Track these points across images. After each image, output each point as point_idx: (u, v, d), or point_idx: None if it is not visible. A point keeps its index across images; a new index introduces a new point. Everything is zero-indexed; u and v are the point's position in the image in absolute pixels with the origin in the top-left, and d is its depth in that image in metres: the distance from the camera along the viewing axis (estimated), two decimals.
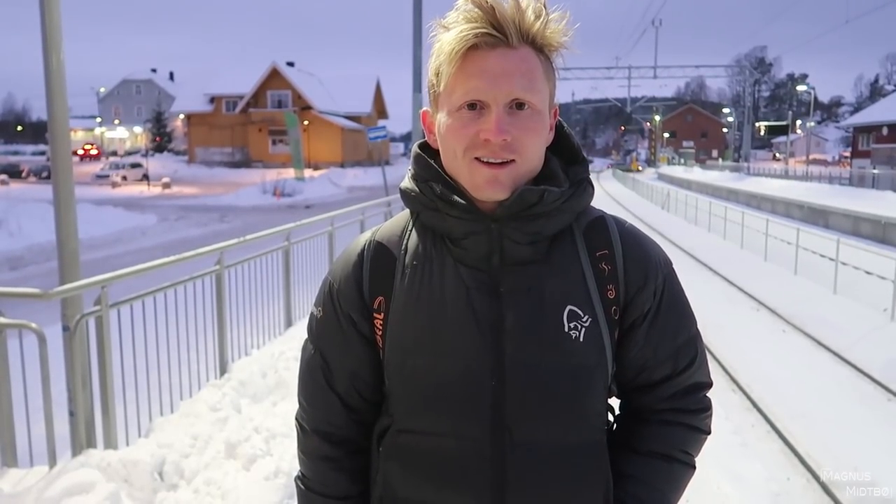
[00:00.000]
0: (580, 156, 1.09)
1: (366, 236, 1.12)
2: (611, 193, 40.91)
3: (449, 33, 0.98)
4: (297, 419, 1.18)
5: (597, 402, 1.05)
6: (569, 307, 1.01)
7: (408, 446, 1.05)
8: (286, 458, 3.68)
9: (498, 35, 0.96)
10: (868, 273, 10.58)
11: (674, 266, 1.11)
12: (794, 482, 4.52)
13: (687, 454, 1.10)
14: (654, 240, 1.13)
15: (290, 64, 54.58)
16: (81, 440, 3.46)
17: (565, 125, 1.09)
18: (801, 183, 32.72)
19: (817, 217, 21.79)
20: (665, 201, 29.14)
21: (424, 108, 1.09)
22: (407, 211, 1.11)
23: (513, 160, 0.98)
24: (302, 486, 1.17)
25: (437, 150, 1.06)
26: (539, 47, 1.00)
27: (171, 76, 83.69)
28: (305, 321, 7.00)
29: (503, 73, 0.96)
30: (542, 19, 0.98)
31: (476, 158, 0.98)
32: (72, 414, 3.45)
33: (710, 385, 1.13)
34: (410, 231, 1.09)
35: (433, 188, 1.03)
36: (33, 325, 3.31)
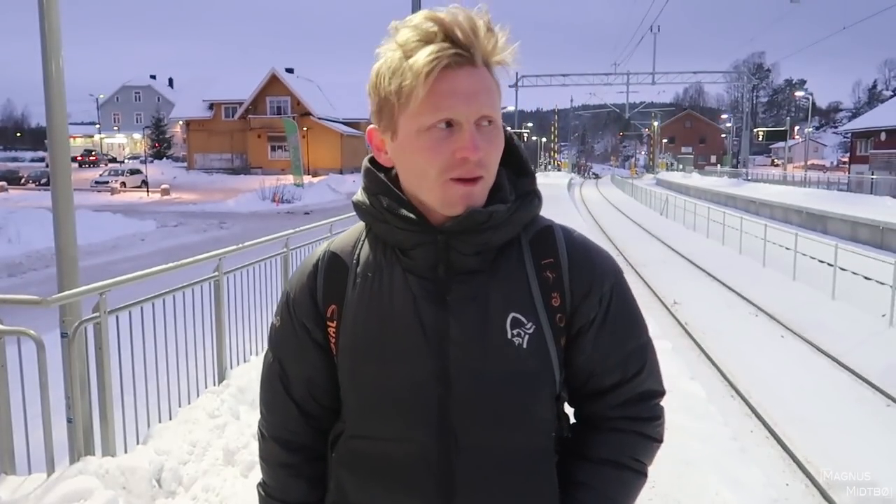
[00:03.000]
0: (527, 168, 1.11)
1: (322, 247, 1.15)
2: (609, 199, 40.94)
3: (417, 54, 0.97)
4: (258, 427, 1.21)
5: (542, 408, 1.06)
6: (512, 314, 1.03)
7: (359, 452, 1.08)
8: None
9: (465, 55, 0.98)
10: (867, 278, 10.59)
11: (623, 274, 1.12)
12: (794, 487, 4.52)
13: (638, 462, 1.11)
14: (606, 249, 1.14)
15: (290, 70, 54.67)
16: (80, 447, 3.45)
17: (514, 138, 1.10)
18: (799, 188, 32.75)
19: (816, 222, 21.82)
20: (664, 207, 29.17)
21: (371, 127, 1.08)
22: (362, 223, 1.13)
23: (481, 177, 1.01)
24: (263, 493, 1.20)
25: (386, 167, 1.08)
26: (490, 65, 1.02)
27: (171, 82, 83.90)
28: None
29: (473, 92, 0.98)
30: (493, 38, 1.00)
31: (451, 179, 0.99)
32: (70, 421, 3.44)
33: (662, 393, 1.14)
34: (363, 242, 1.11)
35: (381, 201, 1.05)
36: (32, 331, 3.31)
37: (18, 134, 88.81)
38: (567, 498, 1.07)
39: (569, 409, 1.16)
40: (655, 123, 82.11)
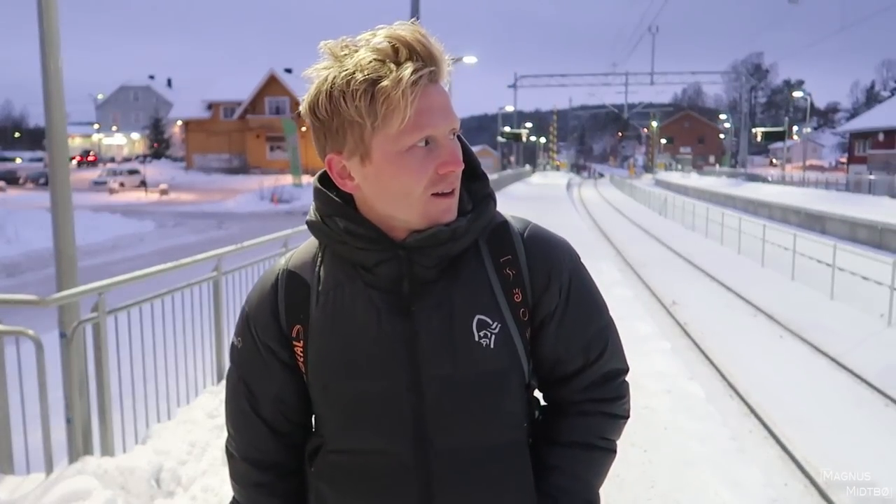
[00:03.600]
0: (479, 171, 1.11)
1: (279, 264, 1.13)
2: (608, 200, 40.96)
3: (398, 74, 0.95)
4: (226, 446, 1.20)
5: (513, 402, 1.07)
6: (477, 317, 1.04)
7: (337, 465, 1.08)
8: None
9: (435, 69, 0.98)
10: (865, 278, 10.60)
11: (581, 260, 1.14)
12: (792, 487, 4.52)
13: (607, 440, 1.13)
14: (561, 235, 1.14)
15: (289, 71, 54.62)
16: (78, 447, 3.45)
17: (463, 139, 1.09)
18: (798, 189, 32.79)
19: (814, 223, 21.84)
20: (662, 207, 29.19)
21: (330, 156, 1.02)
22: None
23: (455, 187, 1.03)
24: None
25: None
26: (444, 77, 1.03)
27: (169, 83, 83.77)
28: None
29: (446, 106, 1.00)
30: (441, 50, 1.00)
31: (434, 194, 1.00)
32: (69, 421, 3.44)
33: (625, 370, 1.16)
34: (322, 258, 1.10)
35: (338, 223, 1.04)
36: (30, 331, 3.31)
37: (17, 134, 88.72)
38: (541, 482, 1.09)
39: (537, 392, 1.18)
40: (654, 124, 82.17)
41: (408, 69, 0.95)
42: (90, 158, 62.34)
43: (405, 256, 1.03)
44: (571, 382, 1.12)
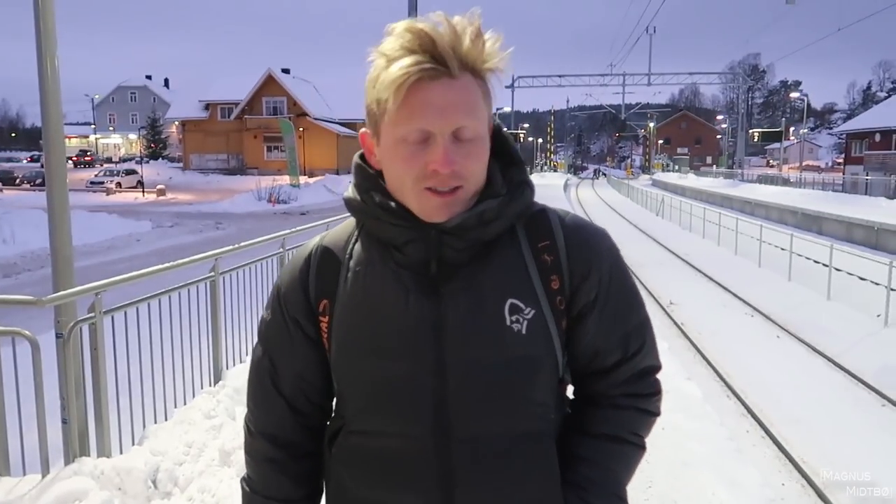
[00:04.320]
0: (517, 158, 1.11)
1: (314, 241, 1.15)
2: (605, 200, 40.99)
3: (391, 67, 0.97)
4: (245, 421, 1.21)
5: (541, 392, 1.06)
6: (510, 301, 1.03)
7: (358, 447, 1.08)
8: None
9: (440, 67, 0.97)
10: (861, 279, 10.63)
11: (620, 253, 1.13)
12: (790, 487, 4.53)
13: (637, 436, 1.13)
14: (604, 228, 1.14)
15: (286, 71, 54.60)
16: (74, 448, 3.43)
17: (503, 128, 1.10)
18: (794, 189, 32.85)
19: (811, 223, 21.88)
20: (660, 208, 29.22)
21: (363, 130, 1.09)
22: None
23: (460, 186, 1.00)
24: (246, 488, 1.19)
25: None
26: (477, 73, 1.01)
27: (167, 83, 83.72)
28: None
29: (447, 105, 0.98)
30: (479, 45, 0.99)
31: (426, 188, 1.00)
32: (65, 421, 3.42)
33: (659, 368, 1.15)
34: (357, 237, 1.11)
35: (373, 197, 1.05)
36: (27, 332, 3.30)
37: (13, 134, 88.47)
38: (568, 472, 1.08)
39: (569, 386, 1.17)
40: (651, 124, 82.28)
41: (401, 63, 0.96)
42: (87, 159, 62.20)
43: (435, 237, 1.02)
44: (609, 376, 1.11)
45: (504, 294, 1.03)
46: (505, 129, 1.11)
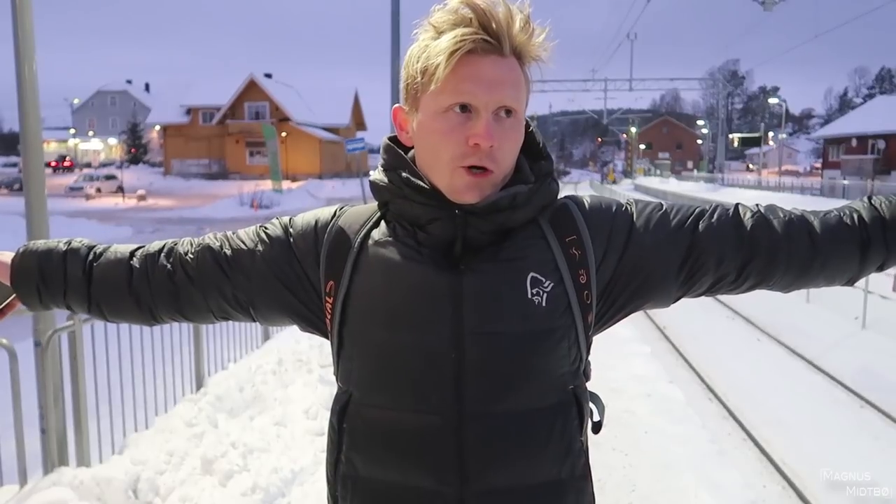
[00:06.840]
0: (545, 152, 1.12)
1: (331, 212, 1.15)
2: None
3: (444, 35, 0.98)
4: (177, 242, 1.24)
5: (559, 365, 1.05)
6: (531, 274, 1.03)
7: (370, 421, 1.06)
8: (263, 473, 3.63)
9: (493, 42, 0.99)
10: None
11: (633, 202, 1.15)
12: (770, 489, 4.57)
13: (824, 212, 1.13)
14: (615, 197, 1.16)
15: (268, 75, 54.36)
16: (53, 458, 3.39)
17: (531, 123, 1.12)
18: (774, 193, 33.26)
19: None
20: None
21: (397, 105, 1.10)
22: (374, 205, 1.14)
23: (491, 170, 1.01)
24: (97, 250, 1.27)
25: (407, 147, 1.10)
26: (522, 58, 1.03)
27: (147, 87, 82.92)
28: (283, 335, 6.83)
29: (495, 81, 0.99)
30: (528, 32, 1.02)
31: (461, 167, 1.00)
32: (43, 431, 3.38)
33: (737, 203, 1.15)
34: (374, 222, 1.11)
35: (400, 175, 1.05)
36: (4, 340, 3.26)
37: None
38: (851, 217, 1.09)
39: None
40: (633, 129, 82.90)
41: (454, 33, 0.97)
42: (66, 164, 61.41)
43: (461, 217, 1.02)
44: (745, 241, 1.09)
45: (526, 268, 1.03)
46: (533, 123, 1.13)
